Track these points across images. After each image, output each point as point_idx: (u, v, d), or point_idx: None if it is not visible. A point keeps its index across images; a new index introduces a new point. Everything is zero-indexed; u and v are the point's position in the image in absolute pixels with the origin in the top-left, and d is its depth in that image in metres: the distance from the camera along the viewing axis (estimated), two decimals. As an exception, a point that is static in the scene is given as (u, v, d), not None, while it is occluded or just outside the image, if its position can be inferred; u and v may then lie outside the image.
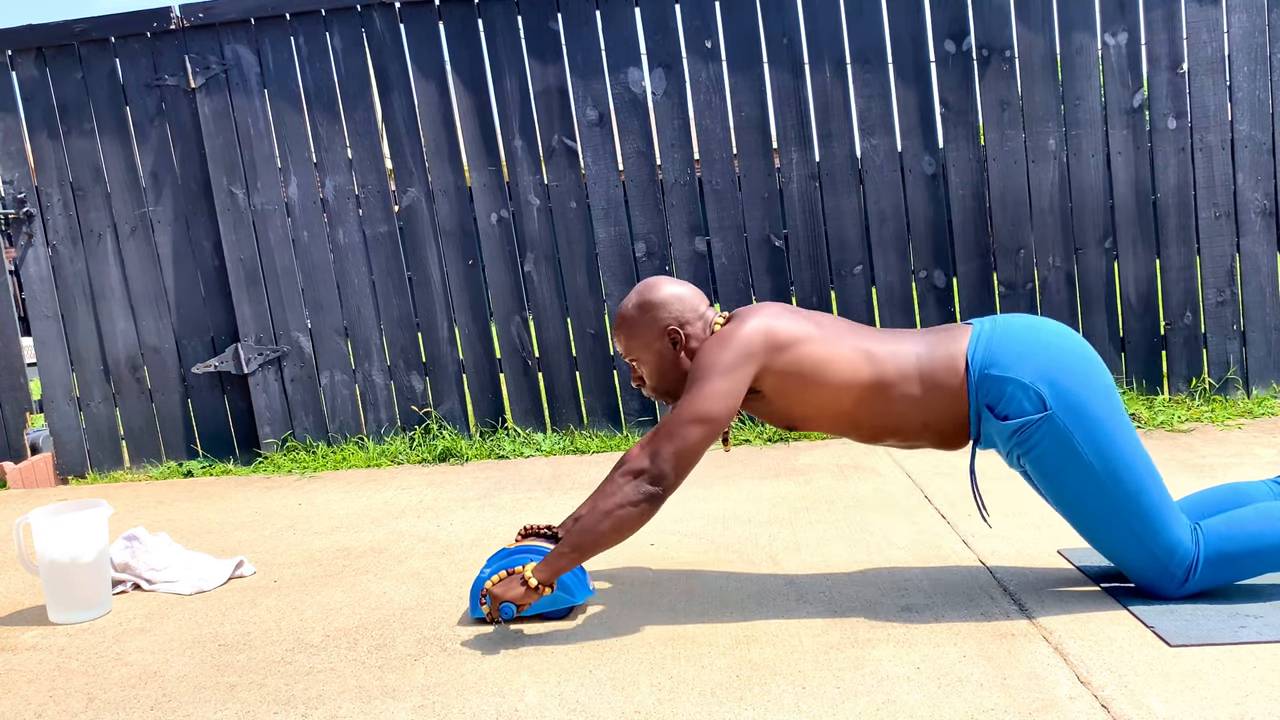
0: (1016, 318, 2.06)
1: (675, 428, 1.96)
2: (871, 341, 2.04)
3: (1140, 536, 1.95)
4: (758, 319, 2.02)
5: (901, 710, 1.65)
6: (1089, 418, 1.93)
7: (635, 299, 2.13)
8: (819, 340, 2.01)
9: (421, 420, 4.20)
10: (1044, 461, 1.96)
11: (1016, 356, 1.96)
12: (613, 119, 4.04)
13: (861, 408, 2.03)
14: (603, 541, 1.97)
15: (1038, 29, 3.85)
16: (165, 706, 1.89)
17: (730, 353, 1.98)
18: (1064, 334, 2.02)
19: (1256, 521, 1.95)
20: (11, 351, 4.30)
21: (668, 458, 1.95)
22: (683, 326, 2.11)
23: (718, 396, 1.96)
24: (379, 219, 4.15)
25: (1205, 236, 3.88)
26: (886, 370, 2.01)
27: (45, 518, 2.36)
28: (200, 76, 4.10)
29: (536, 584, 2.00)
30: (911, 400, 2.01)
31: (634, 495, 1.95)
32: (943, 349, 2.02)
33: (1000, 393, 1.96)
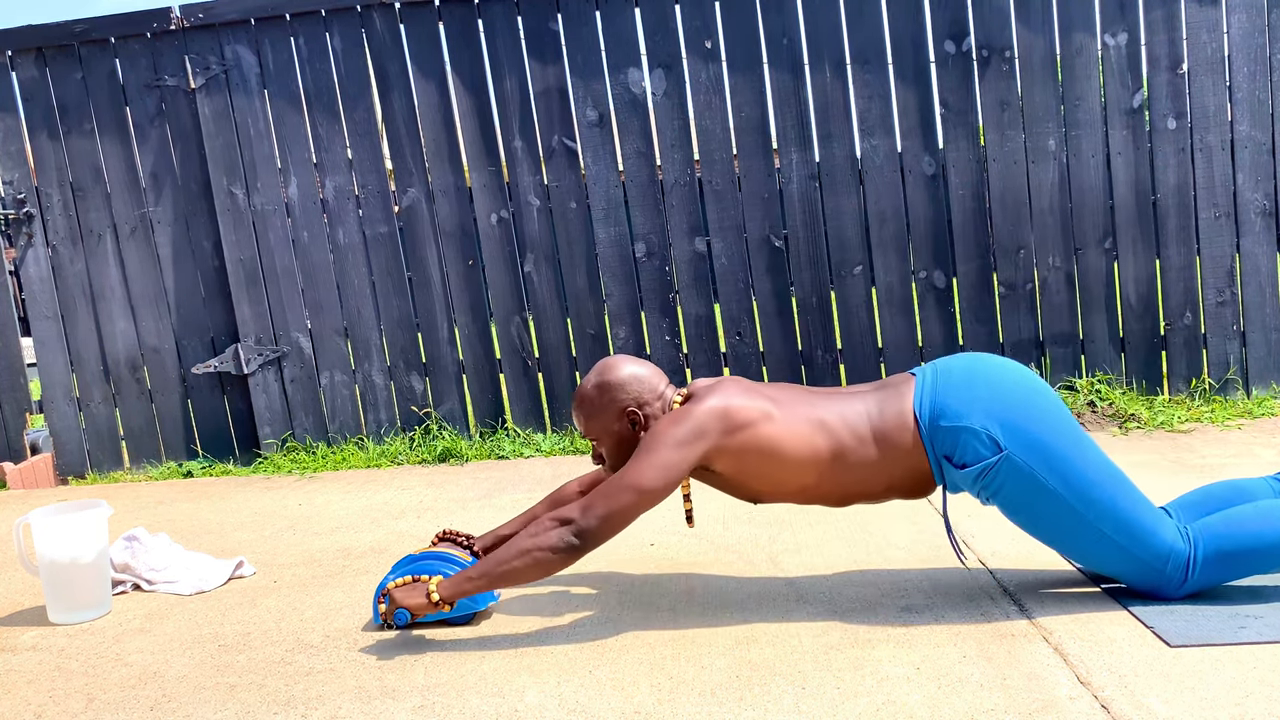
0: (955, 361, 2.07)
1: (612, 490, 1.97)
2: (823, 409, 2.04)
3: (1127, 548, 1.95)
4: (714, 399, 2.02)
5: (901, 710, 1.65)
6: (1045, 448, 1.94)
7: (594, 379, 2.14)
8: (775, 419, 2.01)
9: (421, 421, 4.20)
10: (1012, 499, 1.98)
11: (962, 403, 1.97)
12: (613, 119, 4.04)
13: (825, 480, 2.04)
14: (514, 577, 1.99)
15: (1038, 29, 3.85)
16: (165, 707, 1.89)
17: (682, 430, 1.99)
18: (1004, 368, 2.03)
19: (1256, 519, 1.95)
20: (11, 352, 4.30)
21: (597, 516, 1.96)
22: (641, 407, 2.11)
23: (658, 469, 1.97)
24: (379, 219, 4.15)
25: (1205, 237, 3.88)
26: (842, 439, 2.01)
27: (45, 518, 2.36)
28: (200, 77, 4.10)
29: (438, 600, 2.02)
30: (871, 464, 2.02)
31: (555, 542, 1.96)
32: (891, 407, 2.02)
33: (954, 442, 1.97)
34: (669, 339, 4.10)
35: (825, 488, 2.05)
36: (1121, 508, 1.94)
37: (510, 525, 2.36)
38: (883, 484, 2.04)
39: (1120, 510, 1.94)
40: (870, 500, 2.09)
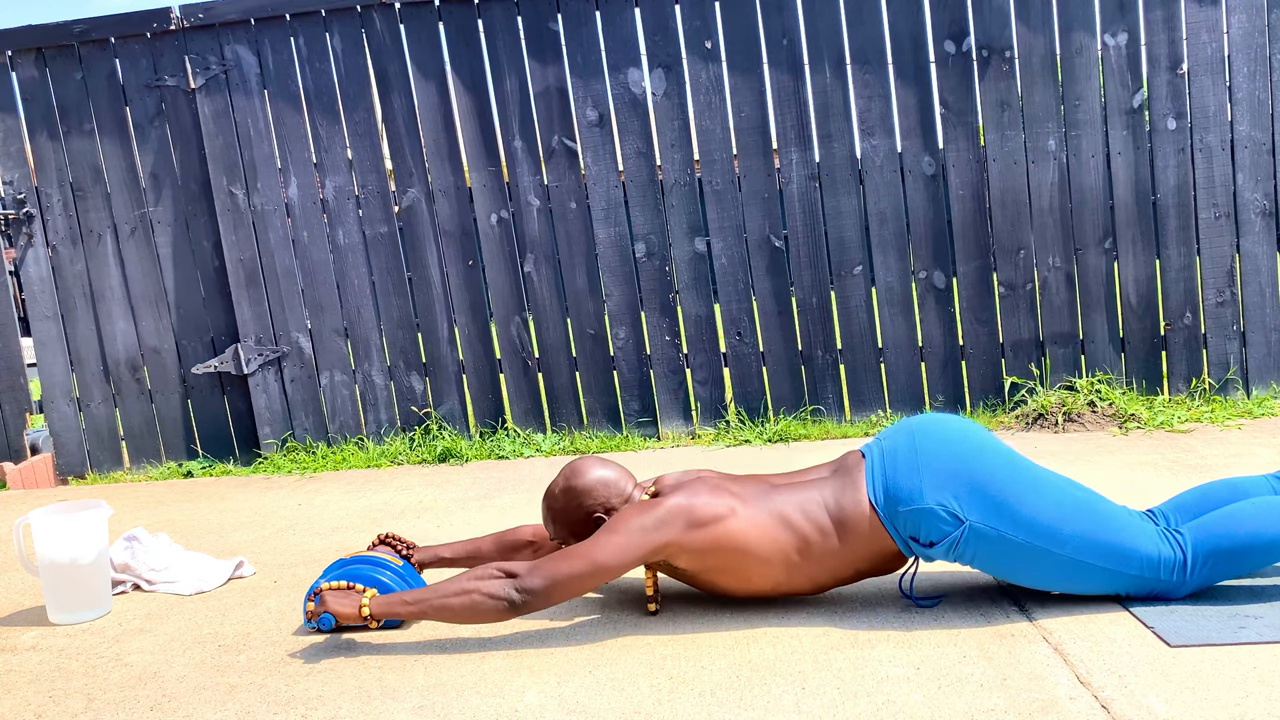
0: (899, 434, 2.07)
1: (565, 558, 1.98)
2: (783, 503, 2.03)
3: (1115, 569, 1.96)
4: (679, 496, 2.02)
5: (901, 711, 1.65)
6: (1005, 505, 1.94)
7: (561, 484, 2.15)
8: (739, 516, 2.01)
9: (421, 421, 4.20)
10: (988, 561, 1.99)
11: (911, 484, 1.98)
12: (613, 119, 4.04)
13: (794, 574, 2.04)
14: (449, 614, 2.00)
15: (1038, 30, 3.85)
16: (165, 707, 1.89)
17: (645, 518, 1.99)
18: (946, 431, 2.03)
19: (1254, 516, 1.95)
20: (11, 352, 4.30)
21: (543, 578, 1.96)
22: (609, 512, 2.12)
23: (614, 547, 1.97)
24: (379, 219, 4.15)
25: (1205, 237, 3.88)
26: (805, 531, 2.01)
27: (45, 518, 2.36)
28: (200, 77, 4.10)
29: (368, 615, 2.03)
30: (836, 553, 2.02)
31: (497, 591, 1.96)
32: (848, 496, 2.02)
33: (917, 524, 1.98)
34: (669, 339, 4.10)
35: (795, 581, 2.05)
36: (1095, 535, 1.94)
37: (450, 548, 2.36)
38: (851, 570, 2.05)
39: (1095, 538, 1.94)
40: (841, 584, 2.10)
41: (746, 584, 2.07)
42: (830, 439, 3.87)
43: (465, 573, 2.04)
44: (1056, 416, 3.76)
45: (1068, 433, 3.69)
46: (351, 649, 2.09)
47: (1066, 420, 3.75)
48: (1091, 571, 1.96)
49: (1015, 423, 3.83)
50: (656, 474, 3.48)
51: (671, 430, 4.10)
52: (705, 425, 4.10)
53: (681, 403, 4.11)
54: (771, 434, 3.90)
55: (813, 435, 3.90)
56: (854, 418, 4.03)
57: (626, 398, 4.13)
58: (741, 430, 3.98)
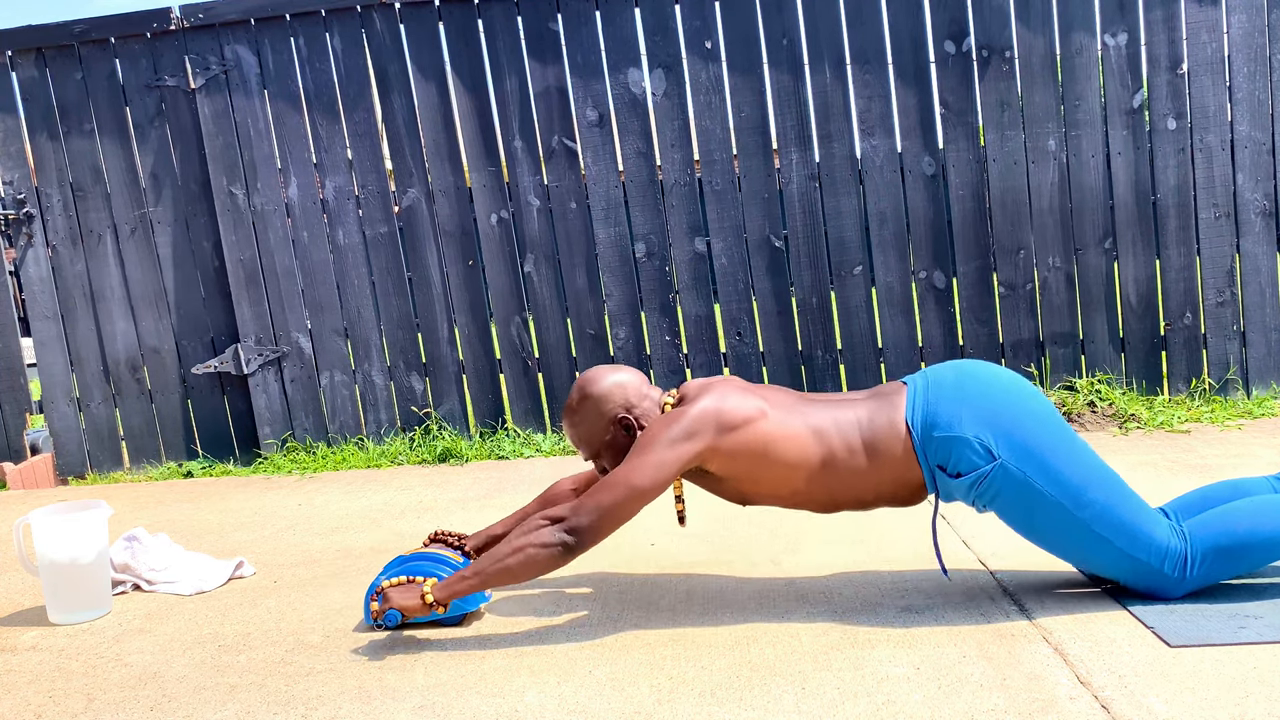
0: (946, 369, 2.07)
1: (604, 489, 1.97)
2: (815, 416, 2.04)
3: (1124, 549, 1.96)
4: (708, 399, 2.02)
5: (901, 711, 1.65)
6: (1039, 454, 1.94)
7: (577, 396, 2.14)
8: (769, 419, 2.01)
9: (421, 421, 4.20)
10: (1008, 506, 1.98)
11: (954, 412, 1.97)
12: (613, 119, 4.04)
13: (815, 485, 2.04)
14: (508, 576, 1.99)
15: (1037, 30, 3.85)
16: (165, 707, 1.89)
17: (676, 429, 1.99)
18: (996, 375, 2.03)
19: (1253, 514, 1.95)
20: (11, 352, 4.30)
21: (589, 515, 1.96)
22: (630, 410, 2.11)
23: (651, 468, 1.96)
24: (379, 219, 4.16)
25: (1205, 237, 3.88)
26: (834, 446, 2.01)
27: (45, 518, 2.36)
28: (200, 77, 4.10)
29: (432, 601, 2.02)
30: (860, 472, 2.02)
31: (548, 539, 1.96)
32: (883, 416, 2.02)
33: (948, 451, 1.97)
34: (669, 339, 4.10)
35: (813, 492, 2.05)
36: (1116, 510, 1.94)
37: (502, 524, 2.36)
38: (871, 492, 2.05)
39: (1115, 512, 1.94)
40: (859, 508, 2.09)
41: (767, 490, 2.05)
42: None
43: (513, 533, 2.02)
44: (1056, 416, 3.76)
45: (1068, 433, 3.69)
46: (351, 647, 2.09)
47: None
48: (1102, 547, 1.95)
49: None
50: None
51: (671, 430, 4.10)
52: (705, 425, 4.09)
53: (681, 403, 4.10)
54: (771, 434, 3.90)
55: (813, 435, 3.90)
56: (854, 418, 4.02)
57: (626, 398, 4.12)
58: (741, 430, 3.97)
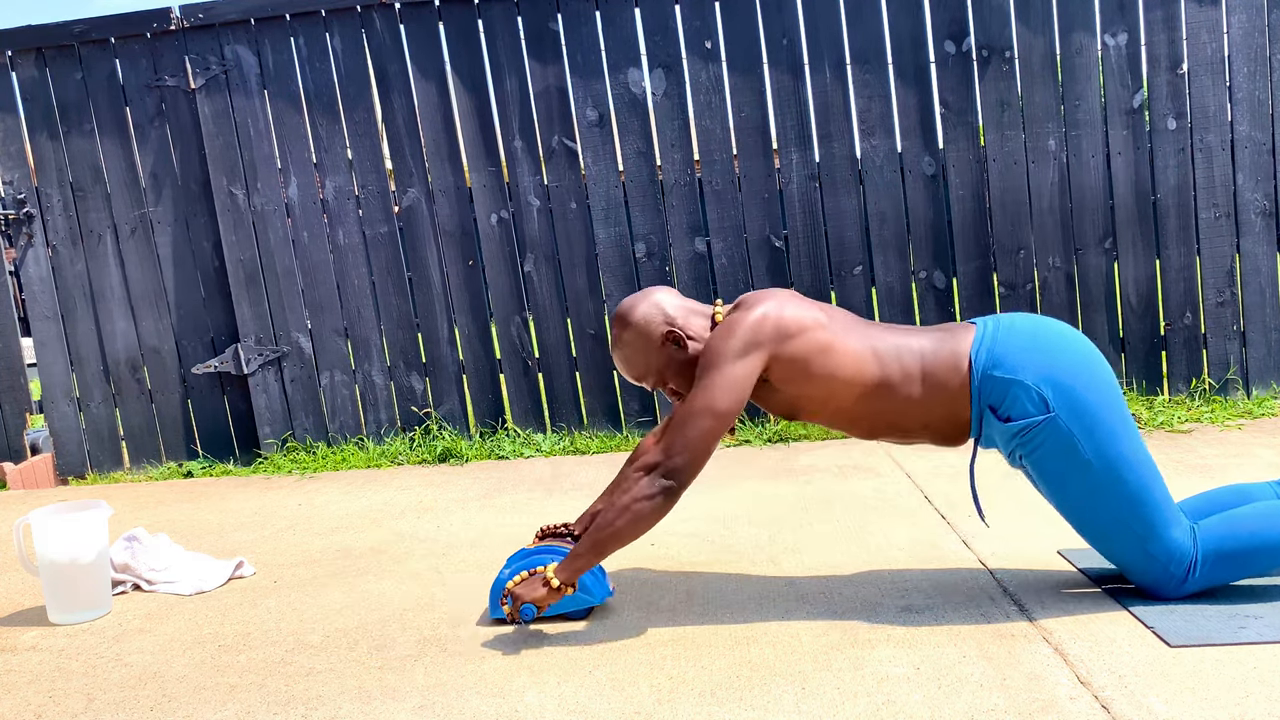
0: (1020, 317, 2.05)
1: (686, 420, 1.94)
2: (877, 338, 2.03)
3: (1141, 537, 1.95)
4: (765, 305, 1.99)
5: (901, 711, 1.65)
6: (1092, 419, 1.93)
7: (619, 327, 2.12)
8: (826, 329, 1.99)
9: (421, 421, 4.20)
10: (1046, 463, 1.96)
11: (1020, 358, 1.96)
12: (613, 119, 4.04)
13: (863, 405, 2.02)
14: (620, 537, 1.96)
15: (1038, 30, 3.85)
16: (165, 707, 1.89)
17: (738, 341, 1.96)
18: (1067, 334, 2.01)
19: (1255, 520, 1.95)
20: (11, 352, 4.30)
21: (680, 451, 1.93)
22: (674, 324, 2.09)
23: (725, 387, 1.94)
24: (379, 219, 4.16)
25: (1205, 237, 3.88)
26: (890, 370, 2.00)
27: (45, 518, 2.36)
28: (200, 77, 4.10)
29: (558, 584, 1.99)
30: (913, 400, 2.00)
31: (649, 490, 1.94)
32: (946, 348, 2.01)
33: (1004, 394, 1.95)
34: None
35: (861, 414, 2.03)
36: (1146, 497, 1.93)
37: (600, 500, 2.32)
38: (917, 423, 2.02)
39: (1144, 499, 1.93)
40: (899, 438, 2.07)
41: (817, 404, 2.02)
42: (830, 439, 3.87)
43: (607, 495, 2.00)
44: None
45: (1068, 433, 3.69)
46: (351, 647, 2.09)
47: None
48: (1120, 530, 1.95)
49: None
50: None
51: (671, 430, 4.10)
52: (705, 425, 4.09)
53: (681, 403, 4.10)
54: (771, 434, 3.90)
55: (813, 435, 3.90)
56: (854, 418, 4.02)
57: (626, 398, 4.13)
58: (741, 430, 3.98)
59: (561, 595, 2.00)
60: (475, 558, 2.68)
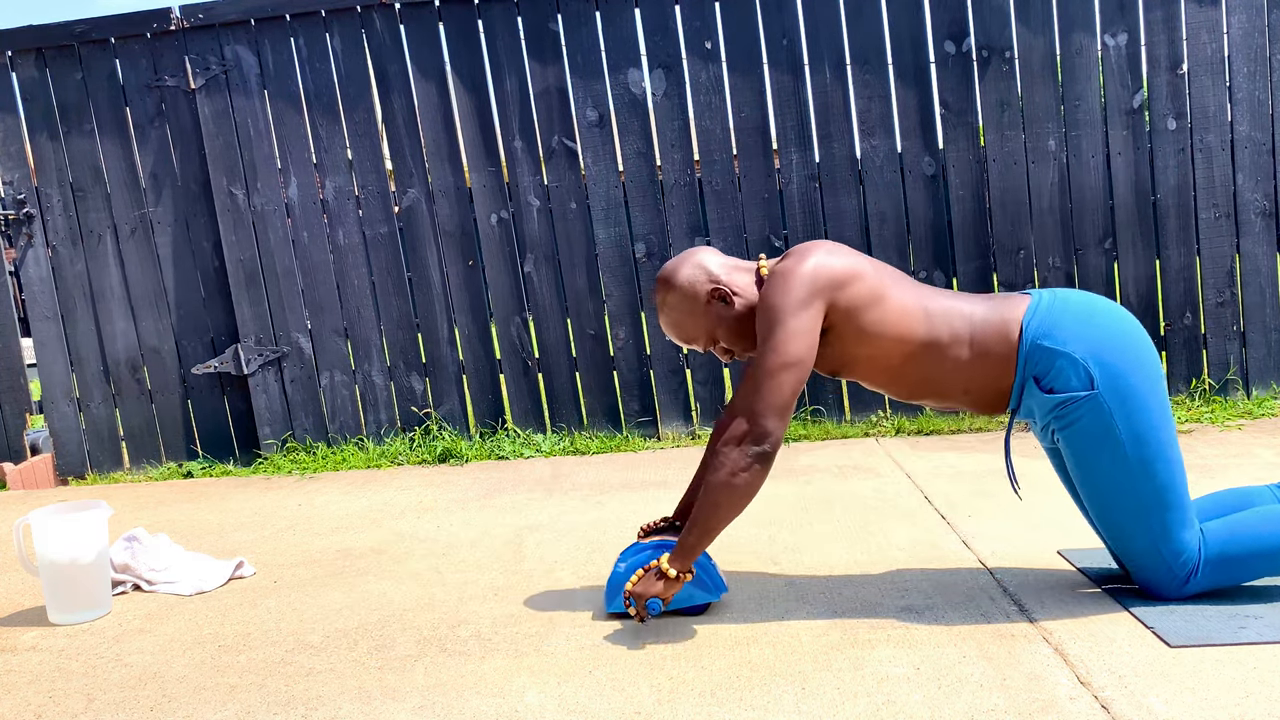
0: (1076, 292, 2.03)
1: (763, 380, 1.92)
2: (929, 298, 2.01)
3: (1155, 532, 1.94)
4: (817, 255, 1.97)
5: (901, 711, 1.65)
6: (1134, 404, 1.91)
7: (663, 290, 2.09)
8: (876, 278, 1.97)
9: (421, 421, 4.20)
10: (1080, 440, 1.95)
11: (1072, 331, 1.94)
12: (613, 120, 4.04)
13: (910, 363, 2.00)
14: (724, 514, 1.94)
15: (1037, 30, 3.86)
16: (165, 707, 1.89)
17: (797, 291, 1.94)
18: (1121, 315, 1.99)
19: (1257, 524, 1.95)
20: (11, 352, 4.30)
21: (764, 413, 1.91)
22: (719, 282, 2.06)
23: (796, 336, 1.92)
24: (379, 220, 4.16)
25: (1205, 237, 3.88)
26: (940, 330, 1.98)
27: (45, 518, 2.36)
28: (200, 77, 4.10)
29: (676, 574, 1.98)
30: (959, 364, 1.99)
31: (743, 460, 1.91)
32: (998, 315, 1.99)
33: (1050, 365, 1.94)
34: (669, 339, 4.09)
35: (907, 371, 2.01)
36: (1169, 495, 1.93)
37: (692, 487, 2.31)
38: (959, 388, 2.01)
39: (1168, 495, 1.92)
40: (937, 400, 2.06)
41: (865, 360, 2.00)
42: (830, 439, 3.87)
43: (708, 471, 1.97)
44: (1056, 417, 3.76)
45: (1068, 433, 3.69)
46: (351, 647, 2.09)
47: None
48: (1137, 522, 1.94)
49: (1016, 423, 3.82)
50: (658, 472, 3.49)
51: (672, 431, 4.10)
52: (705, 425, 4.10)
53: (681, 403, 4.11)
54: (771, 434, 3.90)
55: (813, 436, 3.90)
56: (854, 418, 4.03)
57: (626, 398, 4.13)
58: (741, 430, 3.97)
59: (681, 584, 1.99)
60: (475, 558, 2.68)
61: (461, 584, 2.47)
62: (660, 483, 3.37)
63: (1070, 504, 2.77)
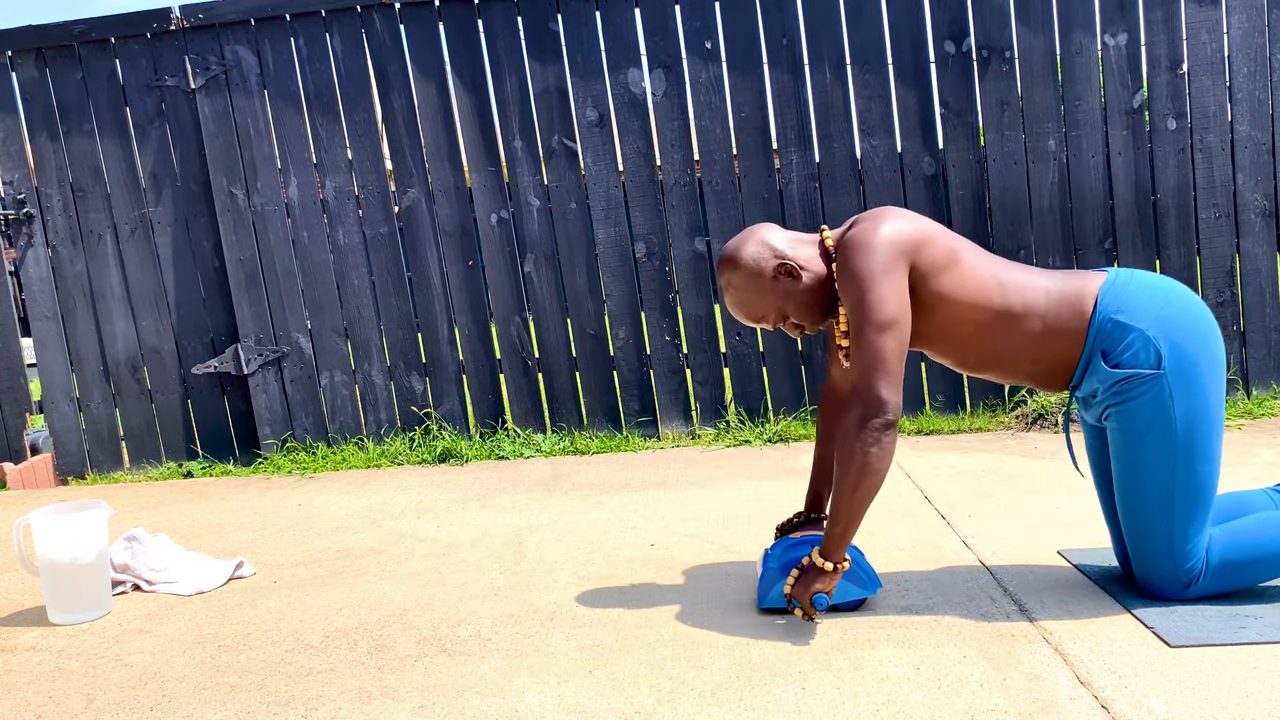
0: (1152, 274, 2.01)
1: (865, 351, 1.89)
2: (1002, 269, 1.99)
3: (1174, 529, 1.94)
4: (890, 219, 1.94)
5: (901, 711, 1.65)
6: (1195, 391, 1.90)
7: (728, 269, 2.06)
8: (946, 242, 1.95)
9: (421, 421, 4.20)
10: (1133, 418, 1.93)
11: (1148, 308, 1.93)
12: (613, 119, 4.04)
13: (982, 332, 1.98)
14: (863, 496, 1.91)
15: (1037, 30, 3.86)
16: (165, 707, 1.89)
17: (880, 255, 1.91)
18: (1197, 303, 1.98)
19: (1257, 530, 1.96)
20: (11, 352, 4.30)
21: (875, 384, 1.89)
22: (785, 257, 2.03)
23: (888, 299, 1.89)
24: (379, 220, 4.16)
25: (1205, 237, 3.88)
26: (1013, 303, 1.97)
27: (45, 518, 2.36)
28: (200, 77, 4.10)
29: (834, 566, 1.96)
30: (1029, 335, 1.97)
31: (869, 438, 1.88)
32: (1073, 288, 1.98)
33: (1120, 339, 1.92)
34: (669, 339, 4.09)
35: (977, 340, 1.99)
36: (1200, 494, 1.92)
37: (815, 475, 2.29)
38: (1029, 360, 1.99)
39: (1199, 495, 1.92)
40: (1002, 371, 2.04)
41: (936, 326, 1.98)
42: (830, 439, 3.87)
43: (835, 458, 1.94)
44: (1057, 417, 3.76)
45: (1068, 433, 3.69)
46: (351, 647, 2.09)
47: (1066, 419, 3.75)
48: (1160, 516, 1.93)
49: (1015, 423, 3.82)
50: (658, 472, 3.49)
51: (671, 430, 4.10)
52: (705, 425, 4.10)
53: (681, 403, 4.11)
54: (771, 434, 3.90)
55: (813, 436, 3.90)
56: (854, 418, 4.02)
57: (626, 398, 4.13)
58: (741, 430, 3.98)
59: (839, 575, 1.97)
60: (475, 558, 2.68)
61: (461, 584, 2.47)
62: (660, 482, 3.37)
63: (1070, 504, 2.77)
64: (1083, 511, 2.69)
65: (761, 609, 2.12)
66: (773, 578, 2.10)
